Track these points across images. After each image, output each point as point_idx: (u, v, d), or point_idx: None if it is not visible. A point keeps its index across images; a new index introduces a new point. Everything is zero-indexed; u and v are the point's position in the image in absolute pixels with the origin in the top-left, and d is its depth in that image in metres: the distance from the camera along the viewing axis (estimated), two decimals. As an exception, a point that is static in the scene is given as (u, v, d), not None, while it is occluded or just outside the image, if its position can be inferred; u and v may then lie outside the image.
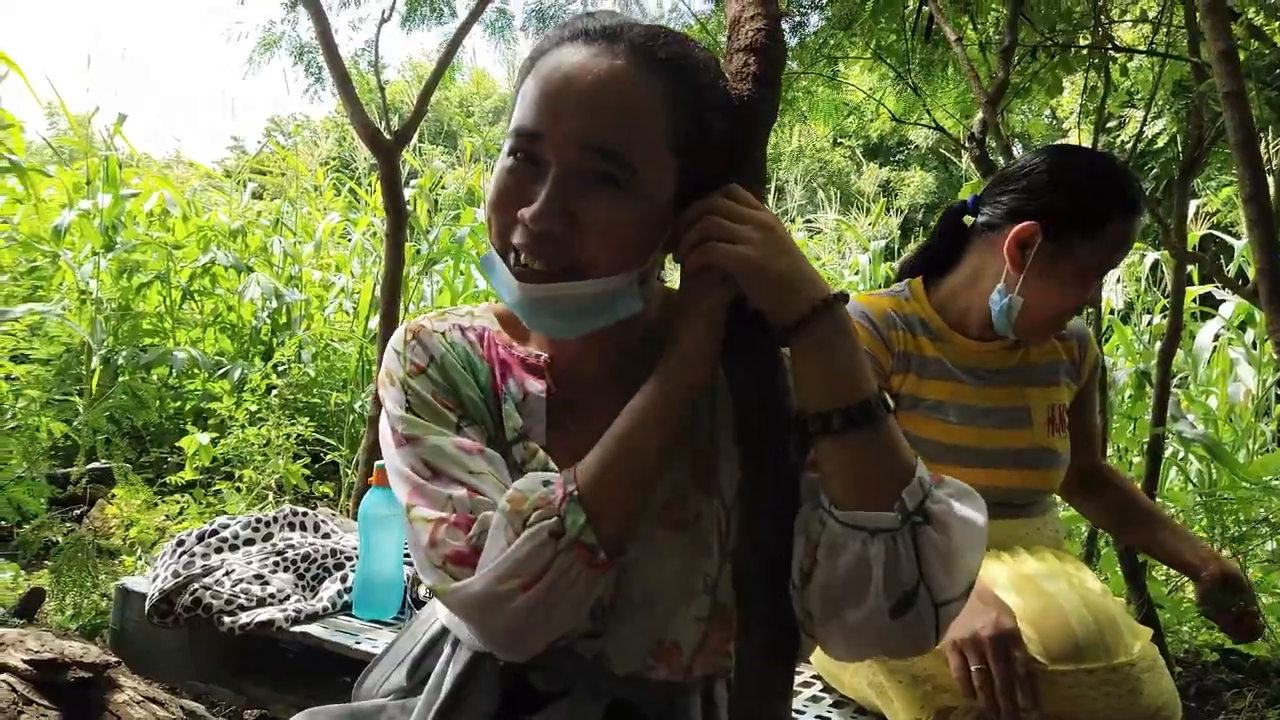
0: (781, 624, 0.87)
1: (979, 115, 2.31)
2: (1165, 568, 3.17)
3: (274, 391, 4.35)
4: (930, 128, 3.08)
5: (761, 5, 0.97)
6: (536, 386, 0.94)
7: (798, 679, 1.70)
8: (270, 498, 3.70)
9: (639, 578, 0.89)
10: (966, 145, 2.32)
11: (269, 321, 5.20)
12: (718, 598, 0.91)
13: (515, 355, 0.97)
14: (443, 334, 0.96)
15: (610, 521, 0.81)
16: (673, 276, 1.01)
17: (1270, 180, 3.42)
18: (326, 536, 2.18)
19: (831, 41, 3.56)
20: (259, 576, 1.89)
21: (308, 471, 3.83)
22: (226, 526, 2.04)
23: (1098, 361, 1.73)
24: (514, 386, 0.95)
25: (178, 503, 3.51)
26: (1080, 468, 1.68)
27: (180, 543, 1.97)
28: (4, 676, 1.56)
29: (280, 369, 4.59)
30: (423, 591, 1.91)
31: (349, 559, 2.07)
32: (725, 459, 0.92)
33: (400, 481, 0.88)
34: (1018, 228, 1.45)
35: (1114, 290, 5.14)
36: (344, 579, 1.99)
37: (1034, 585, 1.37)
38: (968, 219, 1.59)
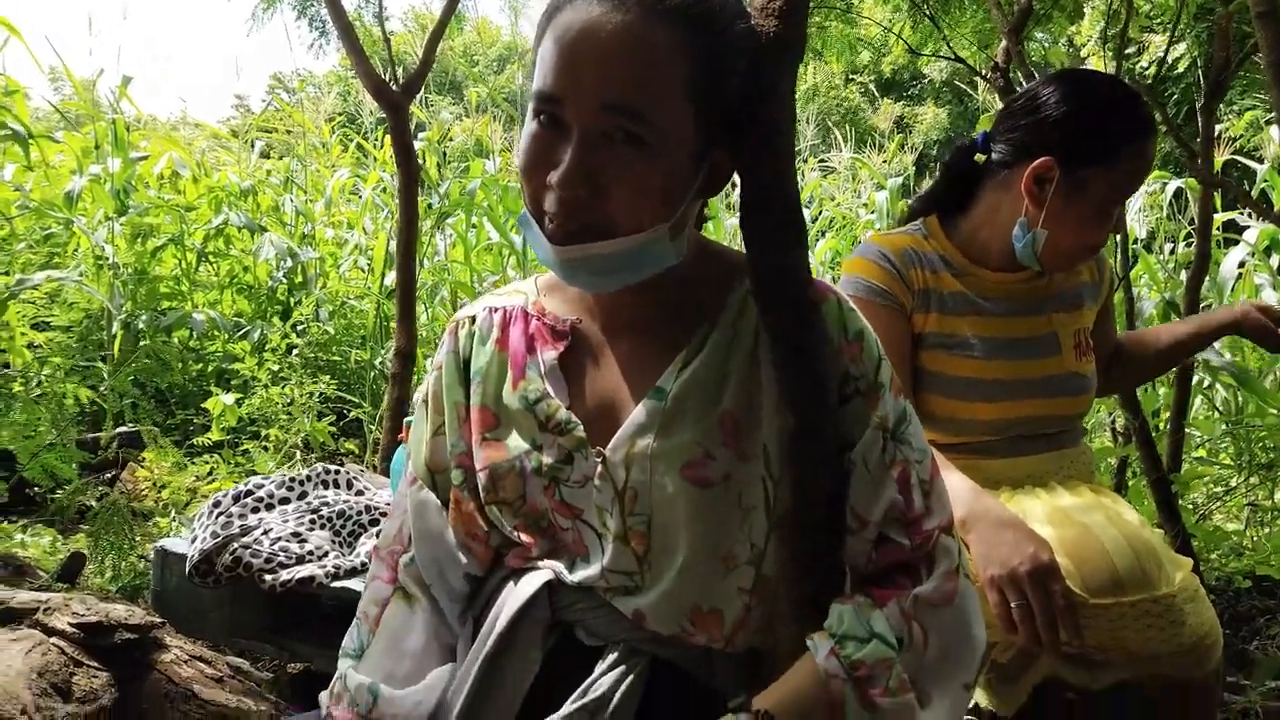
0: (827, 572, 0.88)
1: (1001, 45, 2.25)
2: (1192, 497, 3.18)
3: (294, 351, 4.37)
4: (950, 59, 3.00)
5: (789, -63, 0.94)
6: (552, 353, 0.97)
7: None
8: (298, 456, 3.74)
9: (667, 535, 0.90)
10: (989, 77, 2.27)
11: (285, 281, 5.20)
12: (763, 570, 0.90)
13: (545, 323, 1.00)
14: (471, 319, 1.04)
15: None
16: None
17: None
18: (360, 493, 2.20)
19: (846, -28, 3.47)
20: (296, 534, 1.91)
21: (333, 429, 3.86)
22: (261, 486, 2.06)
23: (1113, 276, 1.72)
24: (541, 354, 0.98)
25: (207, 463, 3.55)
26: (1106, 356, 1.72)
27: (217, 504, 2.00)
28: (53, 640, 1.59)
29: (299, 328, 4.60)
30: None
31: (383, 514, 2.09)
32: (766, 421, 0.90)
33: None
34: (1034, 164, 1.42)
35: (1137, 219, 5.06)
36: (379, 534, 2.01)
37: (1070, 518, 1.36)
38: (979, 156, 1.55)
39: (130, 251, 4.61)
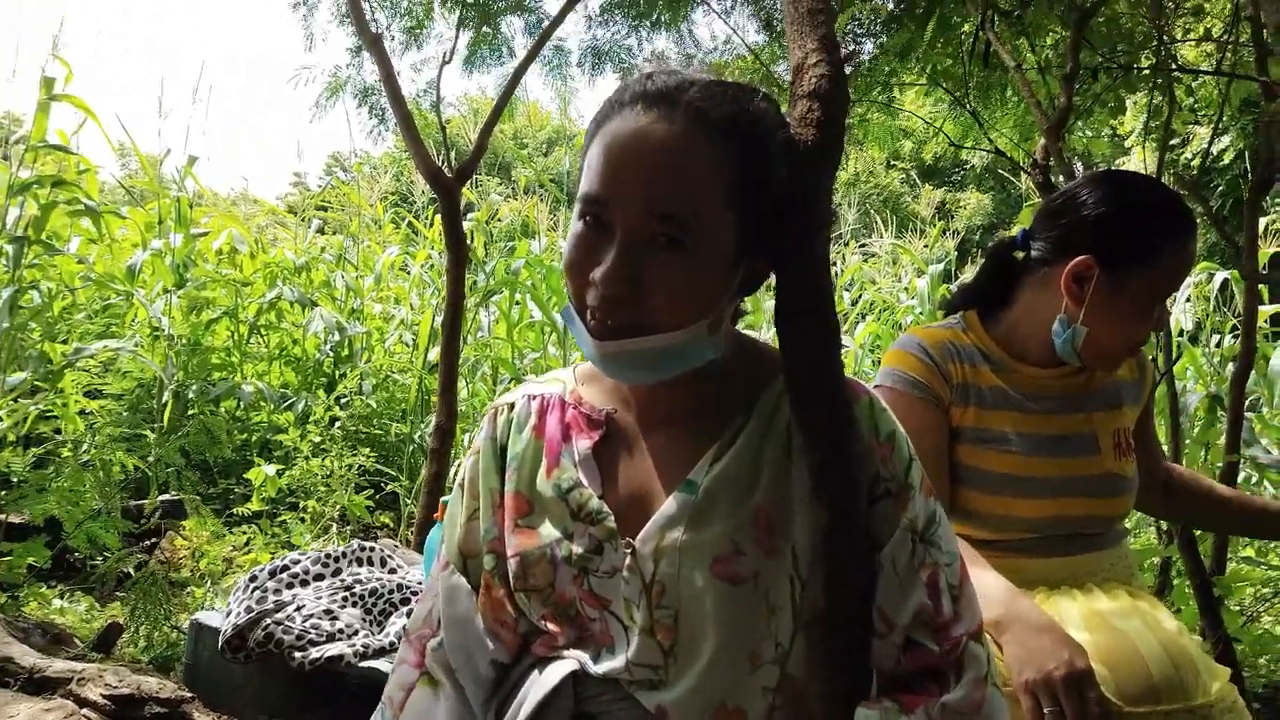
0: (856, 674, 0.87)
1: (1041, 141, 2.28)
2: (1239, 599, 3.07)
3: (337, 423, 4.43)
4: (989, 152, 3.04)
5: (824, 51, 0.97)
6: (586, 442, 0.99)
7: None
8: (334, 528, 3.76)
9: (694, 631, 0.90)
10: (1029, 171, 2.29)
11: (332, 354, 5.31)
12: (787, 670, 0.90)
13: (581, 413, 1.01)
14: (510, 406, 1.06)
15: None
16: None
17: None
18: (393, 571, 2.21)
19: (887, 69, 3.55)
20: (328, 612, 1.92)
21: (370, 503, 3.88)
22: (298, 562, 2.08)
23: (1155, 376, 1.70)
24: (575, 442, 1.00)
25: (245, 533, 3.58)
26: (1158, 479, 1.67)
27: (253, 578, 2.02)
28: (85, 711, 1.61)
29: (342, 401, 4.68)
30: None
31: (414, 594, 2.10)
32: (797, 516, 0.90)
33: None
34: (1073, 263, 1.43)
35: (1183, 311, 5.00)
36: (409, 614, 2.01)
37: (1107, 623, 1.33)
38: (1018, 253, 1.56)
39: (185, 323, 4.74)
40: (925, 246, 7.54)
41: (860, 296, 6.86)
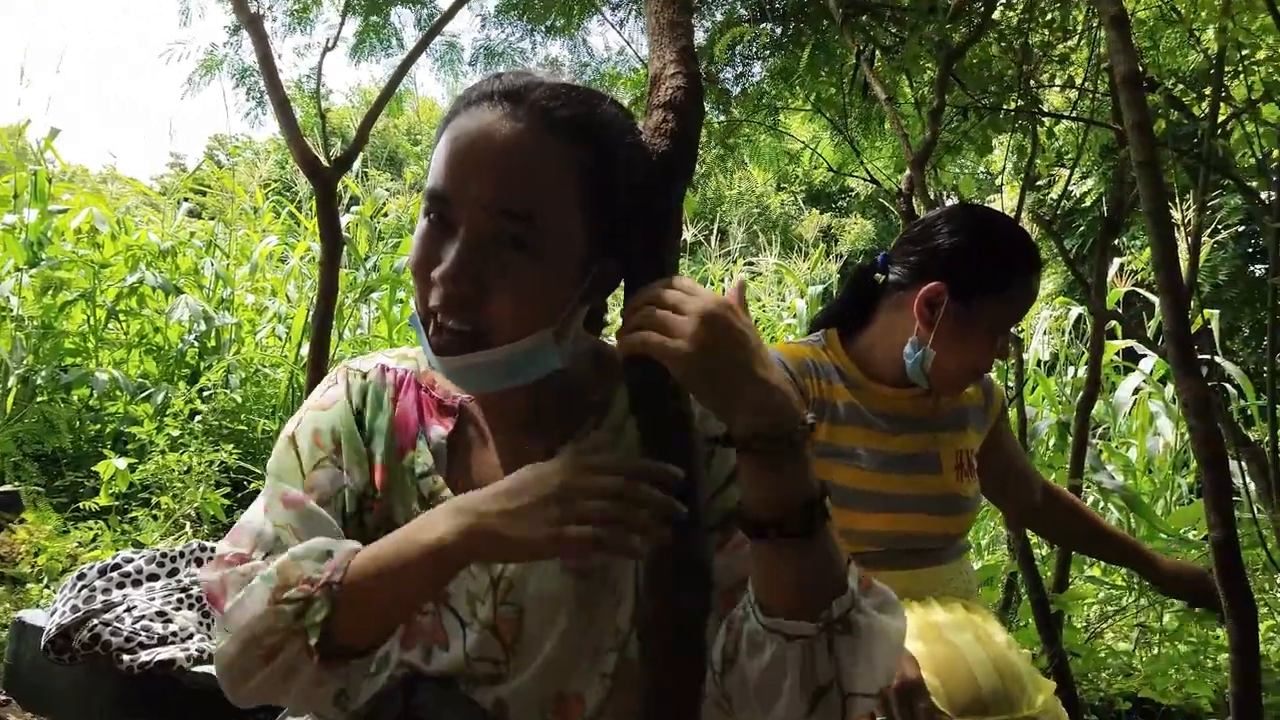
0: (687, 698, 0.87)
1: (907, 172, 2.37)
2: (1085, 616, 3.24)
3: (198, 417, 4.25)
4: (865, 180, 3.14)
5: (682, 63, 0.98)
6: (441, 430, 0.97)
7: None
8: (188, 527, 3.60)
9: (539, 624, 0.89)
10: (895, 200, 2.38)
11: (196, 345, 5.09)
12: (626, 655, 0.90)
13: (434, 397, 0.99)
14: (363, 374, 1.00)
15: (352, 628, 0.82)
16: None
17: (1183, 245, 3.56)
18: (238, 572, 2.12)
19: (772, 91, 3.63)
20: (161, 614, 1.83)
21: (228, 501, 3.73)
22: (130, 561, 1.98)
23: (1004, 404, 1.79)
24: (428, 428, 0.97)
25: (91, 529, 3.39)
26: (1029, 501, 1.77)
27: (81, 576, 1.91)
28: (-121, 716, 1.48)
29: (206, 394, 4.48)
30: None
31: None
32: None
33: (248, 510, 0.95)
34: (925, 288, 1.49)
35: (1040, 343, 5.28)
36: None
37: (940, 635, 1.38)
38: (879, 276, 1.62)
39: (37, 305, 4.48)
40: (809, 268, 7.74)
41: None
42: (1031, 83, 2.94)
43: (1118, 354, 4.97)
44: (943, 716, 1.24)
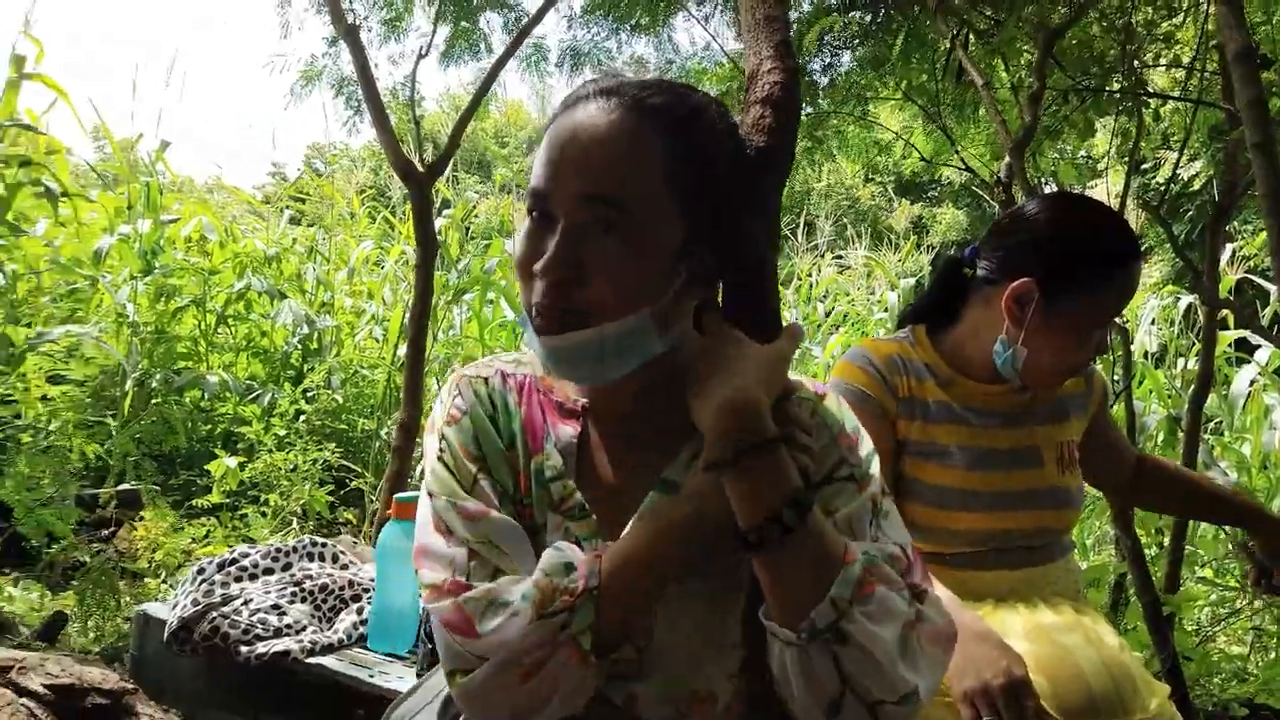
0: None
1: (1005, 159, 2.30)
2: (1196, 618, 3.11)
3: (302, 417, 4.40)
4: (960, 169, 3.07)
5: (778, 59, 0.98)
6: (569, 431, 0.97)
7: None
8: (295, 523, 3.73)
9: (670, 624, 0.90)
10: (994, 189, 2.31)
11: (300, 347, 5.26)
12: (745, 652, 0.91)
13: (554, 400, 1.00)
14: (484, 380, 1.00)
15: (615, 626, 0.84)
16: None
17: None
18: (345, 568, 2.19)
19: (862, 81, 3.58)
20: (276, 606, 1.90)
21: (331, 498, 3.85)
22: (247, 555, 2.06)
23: (1104, 391, 1.72)
24: (554, 430, 0.97)
25: (204, 526, 3.54)
26: (1125, 474, 1.72)
27: (200, 570, 2.00)
28: (23, 701, 1.58)
29: (309, 394, 4.64)
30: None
31: (366, 591, 2.08)
32: None
33: (419, 535, 0.92)
34: (1014, 285, 1.43)
35: (1147, 334, 5.07)
36: (360, 611, 2.00)
37: (1049, 636, 1.34)
38: (967, 270, 1.57)
39: (151, 311, 4.68)
40: (899, 260, 7.60)
41: (834, 308, 6.90)
42: (1135, 63, 2.83)
43: (1231, 345, 4.74)
44: (1051, 719, 1.21)
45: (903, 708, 0.80)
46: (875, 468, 0.94)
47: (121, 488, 3.71)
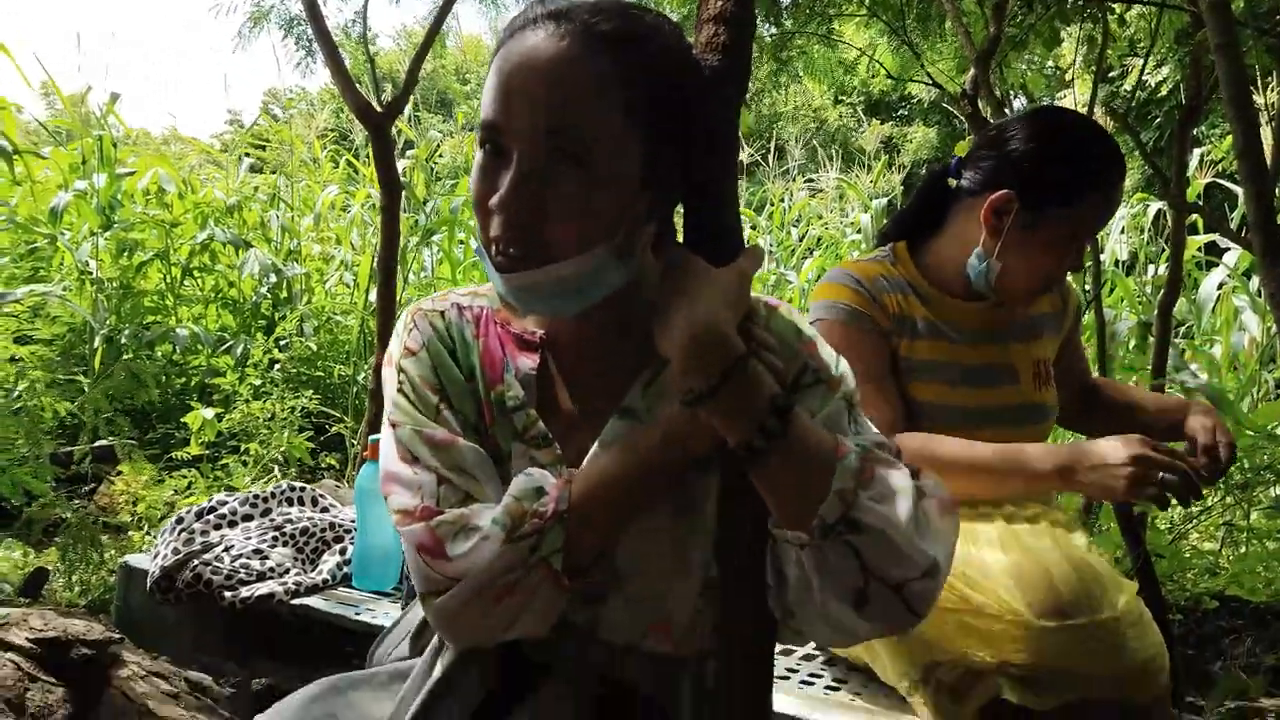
0: (758, 621, 0.89)
1: (971, 72, 2.28)
2: (1169, 518, 3.19)
3: (277, 366, 4.37)
4: (927, 84, 3.03)
5: (729, -29, 0.96)
6: (528, 362, 0.96)
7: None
8: (276, 470, 3.74)
9: (634, 550, 0.90)
10: (959, 101, 2.29)
11: (269, 296, 5.21)
12: (710, 574, 0.92)
13: (512, 332, 0.99)
14: (440, 314, 0.99)
15: (585, 549, 0.85)
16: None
17: (1266, 131, 3.38)
18: (325, 510, 2.20)
19: (825, -1, 3.51)
20: (258, 551, 1.91)
21: (311, 444, 3.85)
22: (225, 503, 2.06)
23: (1079, 305, 1.74)
24: (514, 361, 0.97)
25: (185, 478, 3.54)
26: (1075, 392, 1.73)
27: (179, 520, 2.00)
28: (9, 655, 1.59)
29: (282, 343, 4.61)
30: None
31: (348, 532, 2.09)
32: None
33: (384, 464, 0.91)
34: (994, 196, 1.44)
35: (1118, 241, 5.10)
36: (343, 552, 2.01)
37: (1020, 542, 1.37)
38: (951, 181, 1.57)
39: (114, 266, 4.61)
40: (871, 182, 7.56)
41: (807, 232, 6.88)
42: (1099, -33, 2.78)
43: (1200, 249, 4.78)
44: (1025, 620, 1.24)
45: (928, 581, 0.81)
46: (843, 367, 0.95)
47: (97, 444, 3.69)
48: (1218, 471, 1.43)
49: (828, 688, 1.53)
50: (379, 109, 3.21)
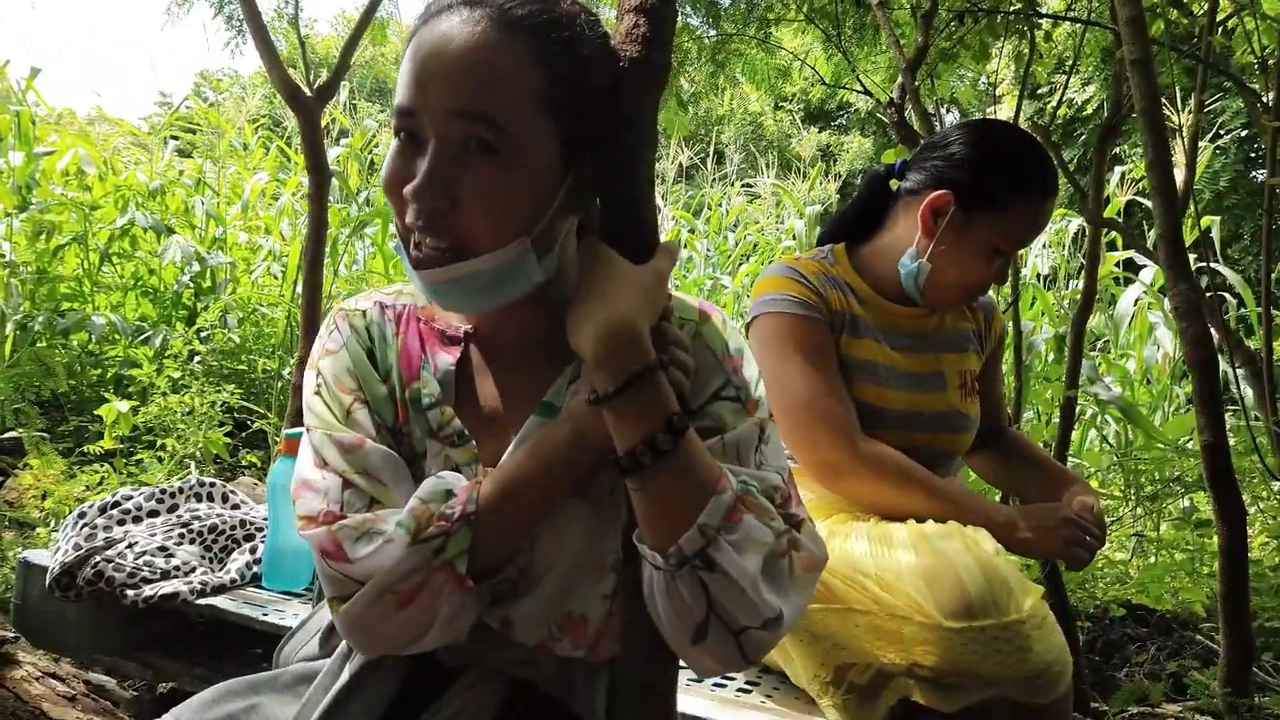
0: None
1: (899, 80, 2.31)
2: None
3: (197, 358, 4.25)
4: (859, 92, 3.07)
5: (650, -35, 0.95)
6: (448, 358, 0.95)
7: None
8: (193, 467, 3.63)
9: (547, 549, 0.89)
10: (886, 110, 2.33)
11: (191, 285, 5.06)
12: (624, 575, 0.90)
13: (435, 328, 0.98)
14: (362, 313, 0.99)
15: (490, 550, 0.84)
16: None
17: (1182, 149, 3.49)
18: (236, 507, 2.14)
19: (763, 3, 3.53)
20: (163, 549, 1.85)
21: (229, 440, 3.75)
22: (130, 498, 1.99)
23: (1003, 332, 1.78)
24: (433, 358, 0.96)
25: (97, 472, 3.42)
26: (986, 425, 1.73)
27: (81, 514, 1.92)
28: (-109, 655, 1.51)
29: (204, 334, 4.48)
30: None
31: (259, 530, 2.04)
32: None
33: (298, 469, 0.91)
34: (933, 195, 1.49)
35: (1039, 256, 5.24)
36: (253, 550, 1.96)
37: (930, 544, 1.39)
38: (894, 183, 1.61)
39: (30, 250, 4.44)
40: (808, 189, 7.65)
41: (744, 237, 6.93)
42: (1029, -16, 2.84)
43: (1118, 265, 4.93)
44: (933, 622, 1.26)
45: (767, 632, 0.81)
46: (761, 391, 0.94)
47: (5, 435, 3.54)
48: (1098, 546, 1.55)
49: (740, 690, 1.53)
50: (309, 92, 3.14)
